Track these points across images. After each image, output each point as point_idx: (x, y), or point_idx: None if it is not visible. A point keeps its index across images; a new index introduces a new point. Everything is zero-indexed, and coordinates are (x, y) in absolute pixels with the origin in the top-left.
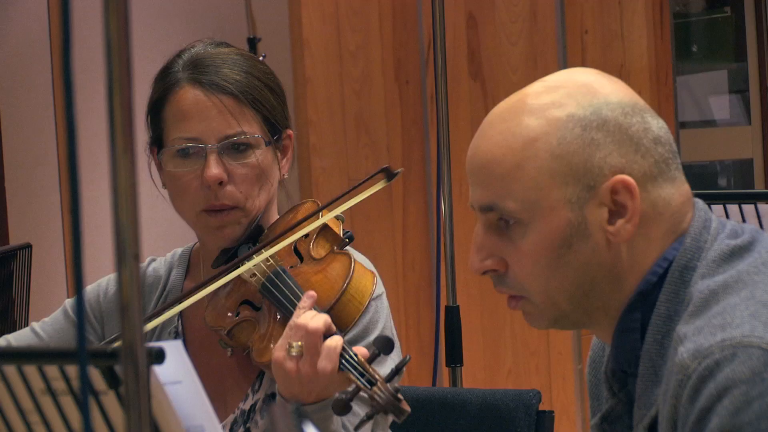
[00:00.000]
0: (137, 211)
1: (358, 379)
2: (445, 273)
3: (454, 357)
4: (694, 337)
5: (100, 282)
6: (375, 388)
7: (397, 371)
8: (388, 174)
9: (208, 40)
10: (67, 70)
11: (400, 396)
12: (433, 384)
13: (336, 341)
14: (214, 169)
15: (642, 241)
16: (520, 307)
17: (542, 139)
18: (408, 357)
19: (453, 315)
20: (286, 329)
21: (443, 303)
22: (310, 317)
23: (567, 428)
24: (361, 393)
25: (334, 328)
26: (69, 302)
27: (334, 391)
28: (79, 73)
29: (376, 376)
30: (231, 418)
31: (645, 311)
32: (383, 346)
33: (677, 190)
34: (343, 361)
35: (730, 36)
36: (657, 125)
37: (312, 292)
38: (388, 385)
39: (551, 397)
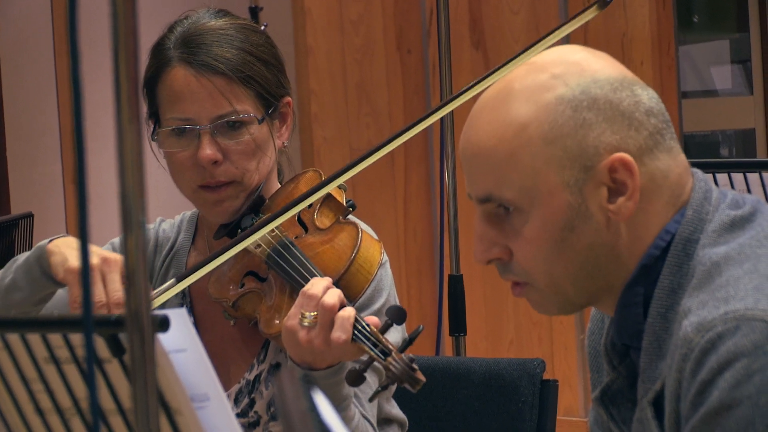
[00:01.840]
0: (143, 179)
1: (371, 349)
2: (448, 242)
3: (458, 326)
4: (698, 311)
5: (113, 241)
6: (389, 359)
7: (410, 341)
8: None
9: (203, 10)
10: (72, 39)
11: (414, 366)
12: (437, 353)
13: (349, 312)
14: (208, 150)
15: (641, 215)
16: (525, 294)
17: (533, 125)
18: (421, 327)
19: (457, 284)
20: (299, 297)
21: (446, 272)
22: (323, 288)
23: (569, 398)
24: (375, 364)
25: (346, 301)
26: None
27: (346, 359)
28: (83, 43)
29: (390, 347)
30: (236, 388)
31: (648, 285)
32: (395, 316)
33: (674, 160)
34: (356, 332)
35: (732, 6)
36: (647, 96)
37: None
38: (403, 355)
39: (553, 367)
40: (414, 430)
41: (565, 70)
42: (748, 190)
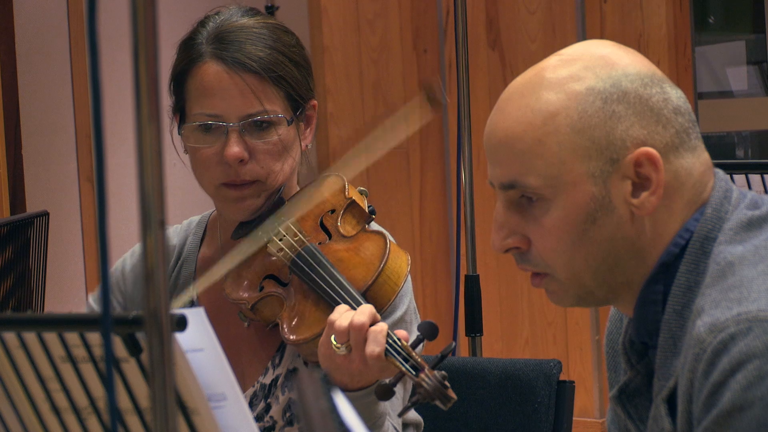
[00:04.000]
0: (162, 178)
1: (402, 364)
2: (464, 242)
3: (474, 326)
4: (711, 311)
5: (123, 258)
6: (422, 375)
7: (441, 358)
8: (428, 95)
9: (234, 8)
10: (92, 37)
11: (446, 383)
12: (453, 353)
13: (381, 326)
14: (235, 148)
15: (664, 212)
16: (544, 285)
17: (563, 114)
18: (453, 344)
19: (473, 284)
20: (327, 327)
21: (463, 272)
22: (350, 316)
23: (584, 399)
24: (406, 379)
25: (378, 317)
26: (92, 297)
27: (381, 377)
28: (102, 41)
29: (422, 363)
30: (250, 391)
31: (667, 283)
32: (427, 331)
33: (698, 159)
34: (388, 347)
35: (748, 7)
36: (676, 95)
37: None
38: (435, 372)
39: (568, 368)
40: (430, 431)
41: (596, 63)
42: (766, 191)
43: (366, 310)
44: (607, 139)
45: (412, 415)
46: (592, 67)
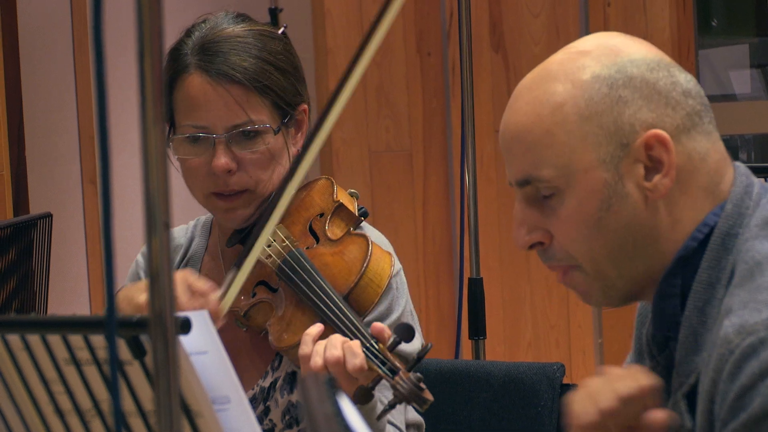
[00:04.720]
0: (167, 179)
1: (379, 367)
2: (468, 245)
3: (478, 330)
4: (739, 311)
5: (139, 259)
6: (397, 377)
7: (418, 359)
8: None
9: (221, 14)
10: (98, 39)
11: (422, 385)
12: (456, 356)
13: (352, 342)
14: (222, 159)
15: (680, 196)
16: (570, 279)
17: (569, 103)
18: (429, 345)
19: (477, 287)
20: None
21: (466, 275)
22: (320, 355)
23: None
24: (383, 382)
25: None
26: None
27: (363, 383)
28: (106, 42)
29: (398, 365)
30: (249, 394)
31: (685, 277)
32: (403, 333)
33: (713, 145)
34: (365, 351)
35: (751, 10)
36: (685, 79)
37: (315, 328)
38: (410, 374)
39: (571, 371)
40: None
41: (602, 52)
42: None
43: (337, 343)
44: (615, 124)
45: (413, 416)
46: (597, 57)
